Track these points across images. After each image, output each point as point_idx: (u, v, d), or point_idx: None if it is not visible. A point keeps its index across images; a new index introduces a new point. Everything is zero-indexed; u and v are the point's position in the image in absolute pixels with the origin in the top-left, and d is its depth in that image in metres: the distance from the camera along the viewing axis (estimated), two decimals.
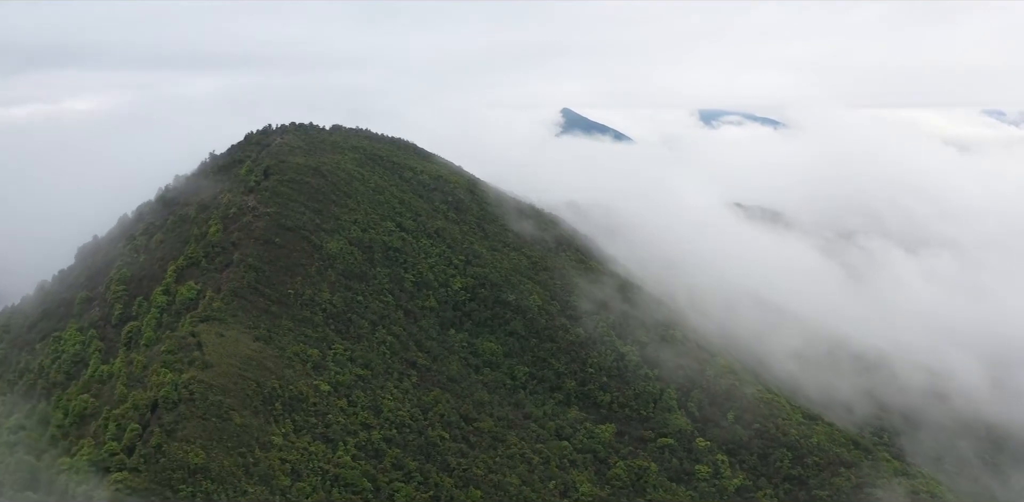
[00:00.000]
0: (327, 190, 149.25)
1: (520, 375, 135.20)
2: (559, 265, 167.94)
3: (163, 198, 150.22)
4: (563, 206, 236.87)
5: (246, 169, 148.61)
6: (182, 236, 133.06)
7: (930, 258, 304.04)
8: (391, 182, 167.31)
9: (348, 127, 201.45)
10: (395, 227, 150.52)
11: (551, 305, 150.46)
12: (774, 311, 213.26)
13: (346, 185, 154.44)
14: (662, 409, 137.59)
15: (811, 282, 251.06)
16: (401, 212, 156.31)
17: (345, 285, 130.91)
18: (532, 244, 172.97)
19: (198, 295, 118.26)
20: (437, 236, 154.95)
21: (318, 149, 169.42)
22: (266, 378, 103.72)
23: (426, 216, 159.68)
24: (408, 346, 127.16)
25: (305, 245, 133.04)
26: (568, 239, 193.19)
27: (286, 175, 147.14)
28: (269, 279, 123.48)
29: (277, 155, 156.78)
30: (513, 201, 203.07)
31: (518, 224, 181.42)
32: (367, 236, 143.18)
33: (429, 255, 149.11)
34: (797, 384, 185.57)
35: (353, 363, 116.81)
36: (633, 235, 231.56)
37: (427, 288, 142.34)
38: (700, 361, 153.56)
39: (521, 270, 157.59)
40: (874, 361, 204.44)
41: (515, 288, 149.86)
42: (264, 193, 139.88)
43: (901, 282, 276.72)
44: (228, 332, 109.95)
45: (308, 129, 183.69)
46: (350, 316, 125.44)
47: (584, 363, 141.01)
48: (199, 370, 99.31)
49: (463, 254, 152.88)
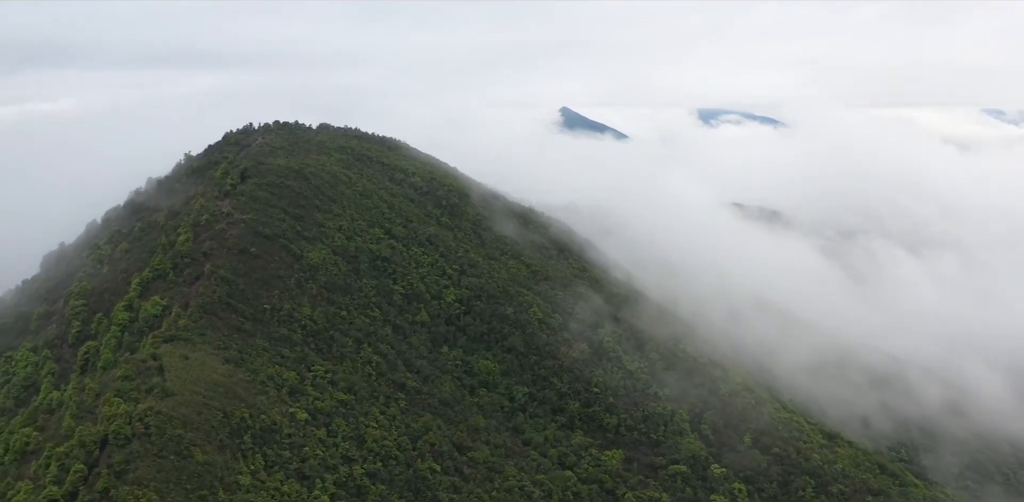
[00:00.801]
0: (309, 194, 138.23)
1: (519, 396, 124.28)
2: (561, 274, 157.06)
3: (132, 203, 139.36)
4: (563, 208, 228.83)
5: (221, 171, 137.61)
6: (149, 245, 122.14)
7: (935, 260, 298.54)
8: (380, 185, 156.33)
9: (336, 126, 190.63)
10: (383, 234, 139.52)
11: (552, 318, 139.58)
12: (780, 317, 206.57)
13: (330, 189, 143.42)
14: (673, 432, 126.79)
15: (816, 286, 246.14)
16: (390, 218, 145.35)
17: (327, 299, 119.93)
18: (532, 251, 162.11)
19: (163, 311, 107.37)
20: (429, 244, 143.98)
21: (302, 150, 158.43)
22: (235, 407, 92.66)
23: (417, 222, 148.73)
24: (396, 366, 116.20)
25: (284, 255, 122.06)
26: (569, 245, 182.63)
27: (265, 178, 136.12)
28: (243, 293, 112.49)
29: (256, 156, 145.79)
30: (512, 204, 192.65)
31: (517, 229, 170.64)
32: (352, 244, 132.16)
33: (420, 265, 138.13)
34: (809, 396, 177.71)
35: (334, 387, 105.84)
36: (633, 237, 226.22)
37: (418, 301, 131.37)
38: (713, 378, 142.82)
39: (520, 280, 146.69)
40: (887, 371, 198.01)
41: (513, 300, 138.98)
42: (240, 198, 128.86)
43: (908, 285, 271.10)
44: (194, 354, 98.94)
45: (292, 128, 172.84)
46: (332, 333, 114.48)
47: (588, 382, 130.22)
48: (158, 399, 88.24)
49: (457, 263, 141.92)
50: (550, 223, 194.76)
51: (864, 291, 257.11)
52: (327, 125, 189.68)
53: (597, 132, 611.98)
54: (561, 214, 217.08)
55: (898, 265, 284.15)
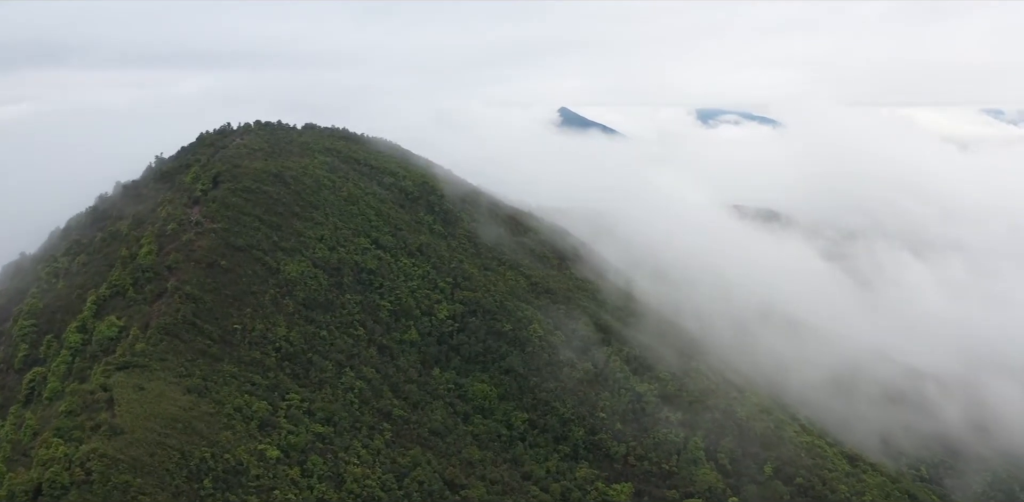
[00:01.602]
0: (289, 200, 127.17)
1: (518, 423, 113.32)
2: (563, 285, 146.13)
3: (94, 210, 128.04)
4: (562, 211, 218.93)
5: (192, 176, 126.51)
6: (109, 258, 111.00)
7: (940, 262, 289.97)
8: (367, 190, 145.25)
9: (323, 126, 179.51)
10: (370, 244, 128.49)
11: (554, 335, 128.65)
12: (787, 326, 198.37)
13: (312, 194, 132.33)
14: (687, 461, 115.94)
15: (821, 291, 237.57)
16: (378, 226, 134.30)
17: (306, 317, 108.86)
18: (531, 261, 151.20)
19: (120, 333, 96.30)
20: (420, 254, 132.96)
21: (283, 152, 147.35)
22: (195, 445, 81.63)
23: (408, 230, 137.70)
24: (381, 392, 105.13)
25: (258, 268, 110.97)
26: (570, 252, 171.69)
27: (240, 183, 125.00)
28: (210, 312, 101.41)
29: (232, 159, 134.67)
30: (510, 209, 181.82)
31: (515, 237, 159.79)
32: (335, 256, 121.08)
33: (410, 277, 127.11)
34: (823, 412, 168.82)
35: (311, 418, 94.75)
36: (633, 241, 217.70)
37: (407, 318, 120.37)
38: (728, 400, 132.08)
39: (519, 293, 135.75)
40: (902, 384, 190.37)
41: (512, 315, 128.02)
42: (211, 205, 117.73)
43: (915, 290, 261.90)
44: (151, 383, 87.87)
45: (274, 129, 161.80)
46: (311, 356, 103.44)
47: (594, 406, 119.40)
48: (104, 439, 77.29)
49: (450, 275, 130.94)
50: (550, 229, 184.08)
51: (870, 296, 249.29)
52: (313, 125, 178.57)
53: (596, 132, 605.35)
54: (560, 218, 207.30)
55: (903, 269, 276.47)
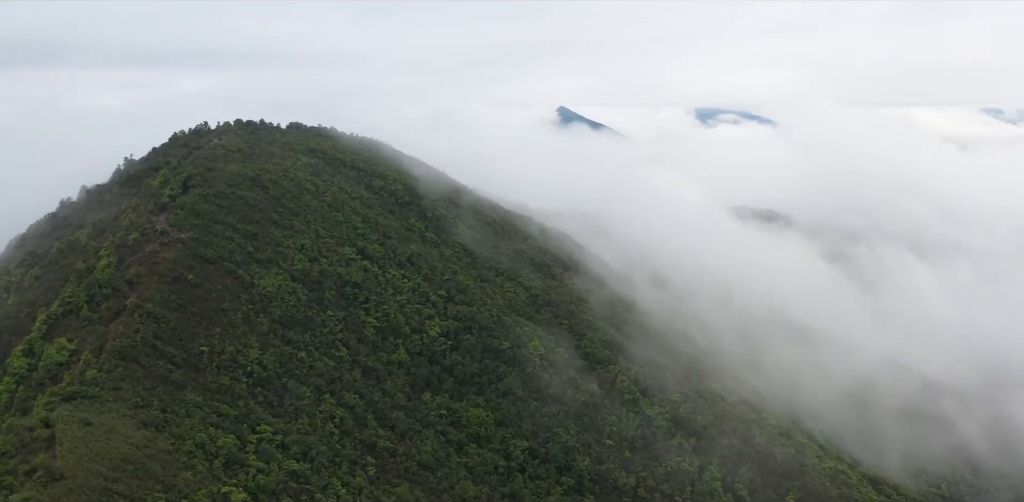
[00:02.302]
0: (267, 207, 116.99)
1: (517, 452, 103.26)
2: (565, 297, 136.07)
3: (54, 217, 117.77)
4: (562, 214, 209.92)
5: (160, 180, 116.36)
6: (65, 271, 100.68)
7: (946, 266, 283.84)
8: (354, 194, 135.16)
9: (310, 125, 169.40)
10: (355, 254, 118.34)
11: (556, 353, 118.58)
12: (795, 335, 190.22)
13: (294, 200, 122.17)
14: (703, 493, 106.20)
15: (828, 297, 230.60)
16: (365, 233, 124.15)
17: (282, 337, 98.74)
18: (531, 271, 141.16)
19: (71, 358, 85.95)
20: (410, 264, 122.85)
21: (263, 153, 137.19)
22: (148, 490, 71.57)
23: (397, 238, 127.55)
24: (365, 421, 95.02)
25: (229, 283, 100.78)
26: (573, 260, 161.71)
27: (213, 187, 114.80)
28: (174, 332, 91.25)
29: (206, 161, 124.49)
30: (508, 214, 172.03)
31: (514, 244, 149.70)
32: (316, 268, 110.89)
33: (399, 290, 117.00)
34: (839, 428, 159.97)
35: (285, 453, 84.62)
36: (634, 245, 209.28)
37: (395, 336, 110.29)
38: (746, 422, 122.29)
39: (518, 306, 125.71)
40: (918, 396, 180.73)
41: (510, 332, 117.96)
42: (179, 212, 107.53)
43: (923, 295, 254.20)
44: (101, 417, 77.75)
45: (256, 128, 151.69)
46: (286, 381, 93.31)
47: (600, 432, 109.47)
48: (40, 487, 67.26)
49: (444, 288, 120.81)
50: (550, 234, 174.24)
51: (877, 301, 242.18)
52: (299, 125, 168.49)
53: (595, 131, 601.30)
54: (559, 221, 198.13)
55: (908, 272, 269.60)
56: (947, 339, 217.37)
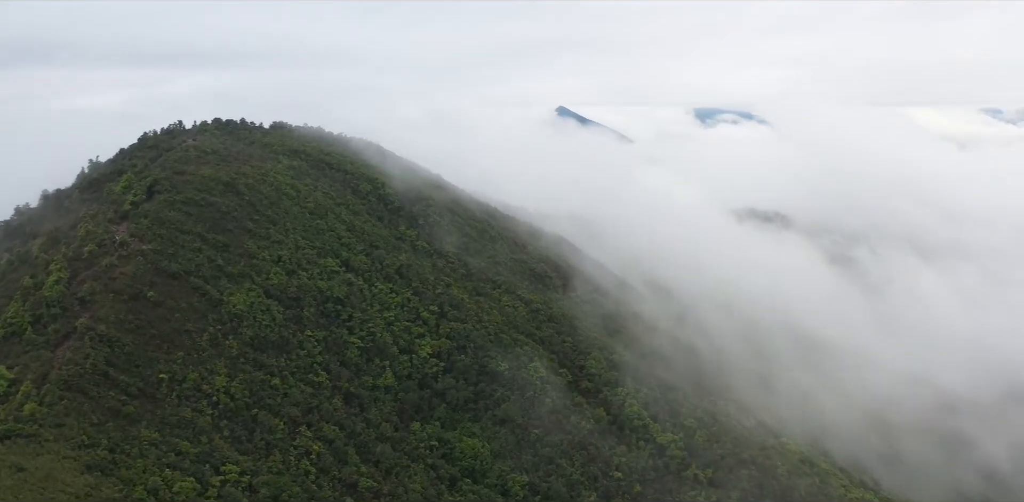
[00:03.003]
0: (241, 214, 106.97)
1: (516, 488, 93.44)
2: (568, 311, 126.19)
3: (6, 226, 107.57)
4: (561, 218, 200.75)
5: (123, 184, 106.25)
6: (11, 288, 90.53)
7: (952, 269, 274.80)
8: (340, 200, 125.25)
9: (295, 125, 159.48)
10: (338, 266, 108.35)
11: (560, 375, 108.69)
12: (806, 345, 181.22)
13: (271, 206, 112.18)
14: None
15: (835, 304, 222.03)
16: (350, 243, 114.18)
17: (253, 361, 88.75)
18: (531, 282, 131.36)
19: (10, 389, 75.98)
20: (400, 277, 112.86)
21: (241, 155, 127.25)
22: None
23: (386, 248, 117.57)
24: (346, 456, 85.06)
25: (195, 300, 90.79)
26: (575, 269, 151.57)
27: (180, 193, 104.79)
28: (130, 358, 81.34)
29: (176, 164, 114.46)
30: (508, 220, 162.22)
31: (513, 253, 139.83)
32: (295, 282, 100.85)
33: (387, 306, 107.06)
34: (860, 450, 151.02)
35: (253, 497, 74.76)
36: (635, 250, 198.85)
37: (382, 357, 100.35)
38: (765, 449, 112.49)
39: (517, 322, 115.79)
40: (938, 413, 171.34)
41: (509, 351, 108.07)
42: (142, 220, 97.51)
43: (933, 301, 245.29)
44: (38, 460, 67.94)
45: (236, 128, 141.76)
46: (256, 412, 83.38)
47: (608, 464, 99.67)
48: None
49: (436, 303, 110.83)
50: (550, 241, 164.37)
51: (886, 308, 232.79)
52: (283, 124, 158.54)
53: (593, 131, 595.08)
54: (558, 225, 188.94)
55: (914, 276, 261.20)
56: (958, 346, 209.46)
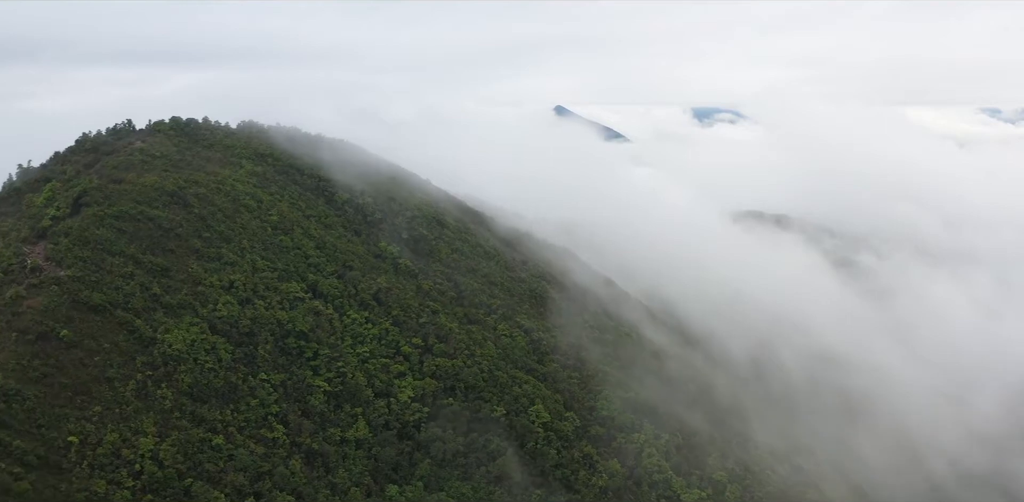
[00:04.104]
0: (187, 231, 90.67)
1: None
2: (576, 339, 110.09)
3: None
4: (560, 224, 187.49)
5: (46, 195, 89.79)
6: None
7: (963, 276, 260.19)
8: (309, 211, 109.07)
9: (267, 124, 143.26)
10: (304, 292, 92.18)
11: (567, 420, 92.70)
12: (824, 364, 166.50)
13: (226, 220, 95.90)
14: None
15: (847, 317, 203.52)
16: (319, 263, 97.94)
17: (191, 415, 72.47)
18: (532, 305, 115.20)
19: None
20: (377, 303, 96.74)
21: (196, 159, 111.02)
22: None
23: (362, 268, 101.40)
24: None
25: (122, 339, 74.51)
26: (581, 288, 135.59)
27: (114, 206, 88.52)
28: (30, 416, 65.18)
29: (114, 170, 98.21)
30: (504, 230, 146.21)
31: (511, 270, 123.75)
32: (249, 313, 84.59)
33: (361, 340, 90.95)
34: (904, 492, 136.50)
35: None
36: (637, 260, 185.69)
37: (353, 403, 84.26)
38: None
39: (516, 356, 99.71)
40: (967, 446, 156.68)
41: (506, 392, 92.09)
42: (62, 239, 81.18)
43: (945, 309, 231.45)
44: None
45: (195, 128, 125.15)
46: (191, 483, 66.96)
47: None
48: None
49: (420, 334, 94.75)
50: (551, 254, 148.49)
51: (900, 319, 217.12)
52: (253, 123, 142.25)
53: (592, 131, 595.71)
54: (560, 232, 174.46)
55: (925, 284, 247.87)
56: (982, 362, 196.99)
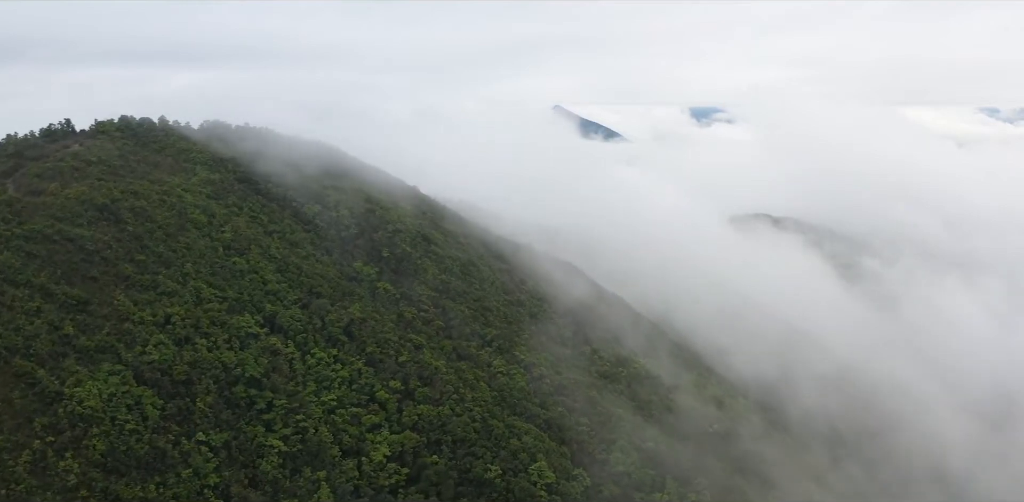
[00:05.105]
0: (117, 253, 75.72)
1: None
2: (586, 377, 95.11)
3: None
4: (559, 232, 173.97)
5: None
6: None
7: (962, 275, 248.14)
8: (271, 227, 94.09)
9: (236, 125, 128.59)
10: (258, 325, 77.20)
11: (575, 479, 77.62)
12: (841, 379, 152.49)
13: (167, 239, 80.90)
14: None
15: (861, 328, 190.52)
16: (279, 290, 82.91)
17: (103, 494, 57.52)
18: (532, 333, 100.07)
19: None
20: (349, 338, 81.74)
21: (141, 165, 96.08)
22: None
23: (332, 295, 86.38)
24: None
25: (18, 395, 59.52)
26: (588, 306, 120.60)
27: (25, 224, 73.60)
28: None
29: (35, 180, 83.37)
30: (500, 242, 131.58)
31: (508, 291, 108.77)
32: (187, 356, 69.56)
33: (327, 385, 75.97)
34: None
35: None
36: (638, 267, 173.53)
37: (315, 465, 69.15)
38: None
39: (513, 399, 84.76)
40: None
41: (502, 446, 76.95)
42: None
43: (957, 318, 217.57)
44: None
45: (146, 129, 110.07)
46: None
47: None
48: None
49: (400, 376, 79.72)
50: (555, 270, 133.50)
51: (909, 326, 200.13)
52: (219, 123, 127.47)
53: (590, 132, 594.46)
54: (558, 242, 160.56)
55: (930, 288, 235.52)
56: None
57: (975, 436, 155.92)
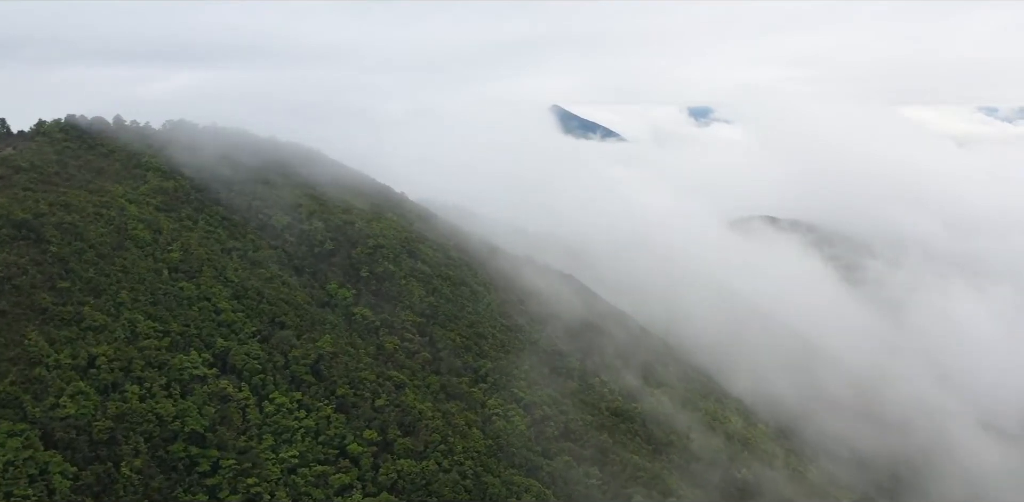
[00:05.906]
0: (33, 279, 63.30)
1: None
2: (597, 416, 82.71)
3: None
4: (558, 240, 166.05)
5: None
6: None
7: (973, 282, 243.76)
8: (231, 244, 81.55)
9: (200, 125, 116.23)
10: (206, 365, 64.61)
11: None
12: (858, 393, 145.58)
13: (100, 261, 68.44)
14: None
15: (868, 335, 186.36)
16: (233, 321, 70.39)
17: None
18: (535, 364, 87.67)
19: None
20: (317, 379, 69.33)
21: (83, 172, 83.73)
22: None
23: (298, 324, 73.91)
24: None
25: None
26: (595, 327, 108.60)
27: None
28: None
29: None
30: (497, 256, 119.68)
31: (503, 316, 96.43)
32: (113, 408, 57.09)
33: (288, 438, 63.57)
34: None
35: None
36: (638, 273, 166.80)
37: None
38: None
39: (511, 448, 72.39)
40: None
41: None
42: None
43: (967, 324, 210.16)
44: None
45: (96, 130, 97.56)
46: None
47: None
48: None
49: (377, 424, 67.25)
50: (557, 285, 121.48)
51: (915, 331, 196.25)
52: (184, 123, 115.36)
53: (589, 132, 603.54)
54: (557, 249, 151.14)
55: (933, 292, 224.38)
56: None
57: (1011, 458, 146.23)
